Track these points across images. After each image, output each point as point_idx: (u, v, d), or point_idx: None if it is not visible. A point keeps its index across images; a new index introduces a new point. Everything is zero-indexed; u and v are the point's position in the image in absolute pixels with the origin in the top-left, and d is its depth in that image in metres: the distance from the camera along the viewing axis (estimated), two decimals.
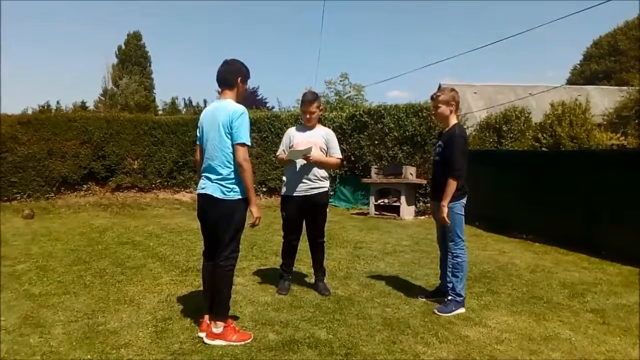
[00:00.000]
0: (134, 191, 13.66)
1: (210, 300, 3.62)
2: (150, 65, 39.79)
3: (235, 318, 3.91)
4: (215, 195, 3.52)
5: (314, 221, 4.85)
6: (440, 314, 4.16)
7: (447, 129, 4.41)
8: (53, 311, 4.14)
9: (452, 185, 4.18)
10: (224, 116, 3.51)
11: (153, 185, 13.82)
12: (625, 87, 23.01)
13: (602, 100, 23.06)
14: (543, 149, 11.49)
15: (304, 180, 4.71)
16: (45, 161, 12.69)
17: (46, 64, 69.26)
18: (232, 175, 3.53)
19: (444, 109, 4.37)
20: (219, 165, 3.54)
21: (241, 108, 3.55)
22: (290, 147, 4.75)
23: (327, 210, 5.05)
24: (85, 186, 13.36)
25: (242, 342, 3.48)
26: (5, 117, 13.28)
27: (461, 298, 4.29)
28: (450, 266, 4.34)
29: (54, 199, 12.81)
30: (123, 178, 13.52)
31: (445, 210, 4.21)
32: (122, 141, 13.37)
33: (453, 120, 4.40)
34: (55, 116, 14.42)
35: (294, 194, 4.73)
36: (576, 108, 12.33)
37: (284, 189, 4.86)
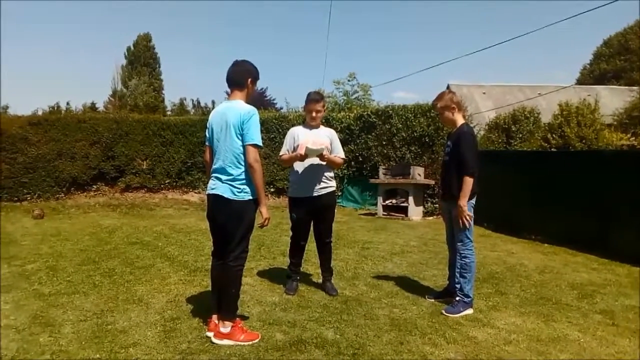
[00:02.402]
0: (143, 191, 13.75)
1: (219, 300, 3.64)
2: (159, 67, 39.95)
3: (244, 318, 3.92)
4: (225, 195, 3.53)
5: (322, 221, 4.85)
6: (448, 314, 4.16)
7: (454, 130, 4.42)
8: (62, 310, 4.18)
9: (468, 183, 4.16)
10: (234, 117, 3.52)
11: (162, 186, 13.90)
12: (635, 87, 22.82)
13: (612, 100, 22.88)
14: (552, 149, 11.42)
15: (312, 181, 4.72)
16: (55, 162, 12.80)
17: (56, 65, 69.76)
18: (243, 176, 3.55)
19: (446, 114, 4.42)
20: (230, 166, 3.55)
21: (252, 109, 3.57)
22: (295, 147, 4.76)
23: (335, 210, 5.06)
24: (95, 186, 13.47)
25: (250, 342, 3.49)
26: (15, 118, 13.48)
27: (469, 299, 4.28)
28: (459, 267, 4.33)
29: (64, 199, 12.92)
30: (132, 178, 13.61)
31: (464, 209, 4.19)
32: (131, 142, 13.46)
33: (460, 120, 4.42)
34: (65, 117, 14.51)
35: (303, 195, 4.74)
36: (584, 108, 12.25)
37: (292, 191, 4.87)
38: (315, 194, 4.72)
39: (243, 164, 3.55)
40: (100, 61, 71.29)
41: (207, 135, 3.81)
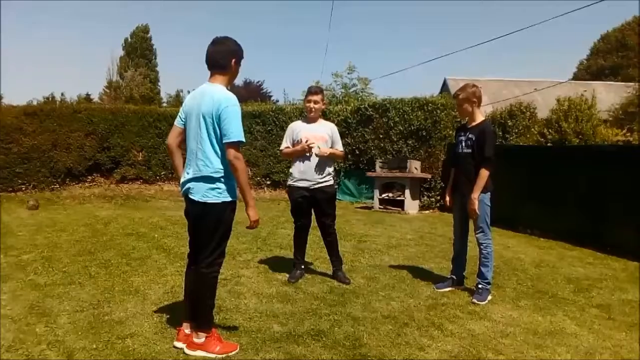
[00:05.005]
0: (139, 183, 13.71)
1: (192, 308, 3.29)
2: (155, 58, 39.74)
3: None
4: (196, 198, 3.14)
5: (323, 213, 4.94)
6: (480, 302, 4.31)
7: (475, 124, 4.51)
8: (59, 301, 4.16)
9: (485, 176, 4.33)
10: (208, 105, 3.06)
11: (157, 177, 13.86)
12: (631, 83, 22.86)
13: (608, 96, 22.89)
14: (548, 144, 11.42)
15: (314, 172, 4.79)
16: (50, 152, 12.74)
17: (50, 56, 69.29)
18: (218, 174, 3.11)
19: (466, 106, 4.50)
20: (201, 161, 3.11)
21: (231, 97, 3.08)
22: (295, 141, 4.81)
23: (336, 200, 5.15)
24: (90, 177, 13.43)
25: (226, 354, 3.17)
26: (10, 107, 13.36)
27: (490, 285, 4.50)
28: (482, 256, 4.48)
29: (59, 190, 12.86)
30: (128, 170, 13.57)
31: (477, 202, 4.32)
32: (127, 133, 13.40)
33: (479, 115, 4.54)
34: (61, 107, 14.38)
35: (304, 185, 4.81)
36: (582, 103, 12.23)
37: (293, 180, 4.90)
38: (316, 185, 4.80)
39: (216, 160, 3.09)
40: (95, 52, 70.90)
41: (181, 116, 3.32)
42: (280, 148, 5.07)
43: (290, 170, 4.98)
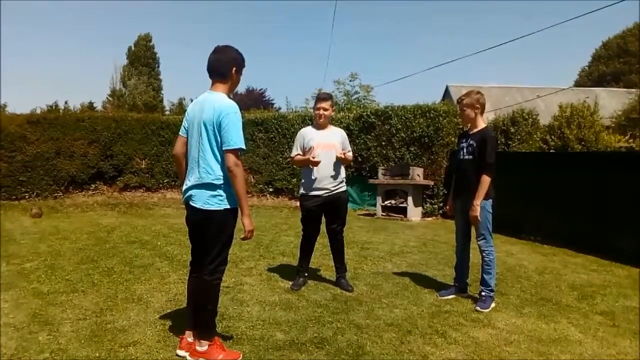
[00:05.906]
0: (142, 191, 13.76)
1: (195, 316, 3.30)
2: (158, 67, 39.96)
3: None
4: (197, 205, 3.15)
5: (335, 218, 4.94)
6: (483, 310, 4.30)
7: (476, 130, 4.53)
8: (61, 309, 4.16)
9: (486, 182, 4.33)
10: (209, 112, 3.07)
11: (160, 185, 13.90)
12: (634, 90, 22.88)
13: (610, 102, 22.92)
14: (551, 151, 11.42)
15: (328, 180, 4.80)
16: (53, 160, 12.78)
17: (53, 64, 69.71)
18: (219, 181, 3.11)
19: (469, 111, 4.53)
20: (203, 168, 3.12)
21: (232, 105, 3.09)
22: (306, 148, 4.81)
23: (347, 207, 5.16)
24: (93, 185, 13.47)
25: None
26: (14, 116, 13.44)
27: (493, 292, 4.48)
28: (484, 264, 4.47)
29: (62, 198, 12.90)
30: (131, 178, 13.62)
31: (479, 209, 4.32)
32: (130, 141, 13.47)
33: (481, 122, 4.55)
34: (64, 116, 14.50)
35: (318, 193, 4.81)
36: (584, 110, 12.25)
37: (307, 188, 4.88)
38: (330, 191, 4.81)
39: (217, 167, 3.10)
40: (98, 61, 71.28)
41: (185, 125, 3.34)
42: (291, 155, 5.06)
43: (303, 179, 4.94)
